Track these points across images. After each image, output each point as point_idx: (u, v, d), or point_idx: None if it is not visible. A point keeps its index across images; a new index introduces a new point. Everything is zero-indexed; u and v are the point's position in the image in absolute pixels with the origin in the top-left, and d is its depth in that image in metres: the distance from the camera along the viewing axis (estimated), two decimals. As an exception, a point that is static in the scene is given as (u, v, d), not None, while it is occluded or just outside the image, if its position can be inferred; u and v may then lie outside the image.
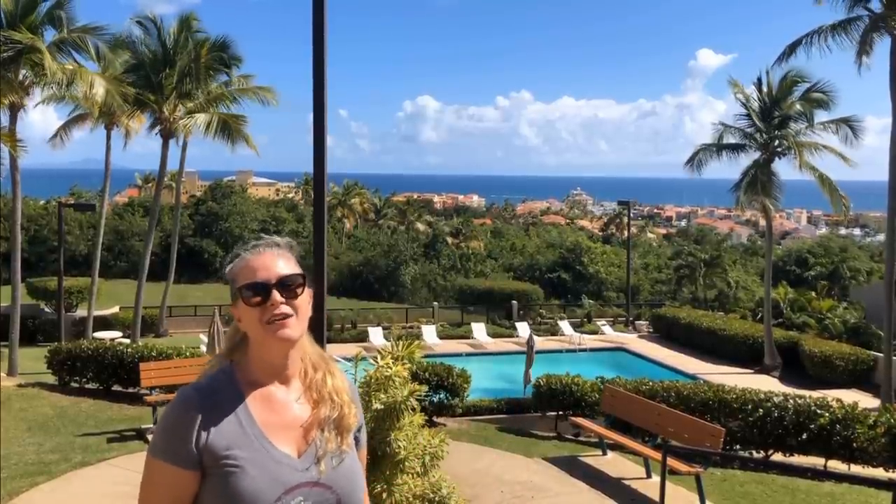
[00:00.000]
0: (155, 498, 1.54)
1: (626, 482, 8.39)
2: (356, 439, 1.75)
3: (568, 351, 23.92)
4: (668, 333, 26.27)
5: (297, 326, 1.62)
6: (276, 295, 1.60)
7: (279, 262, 1.66)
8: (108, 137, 25.85)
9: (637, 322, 29.33)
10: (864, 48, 18.51)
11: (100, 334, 21.72)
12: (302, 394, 1.68)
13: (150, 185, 67.01)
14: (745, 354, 22.44)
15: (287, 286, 1.62)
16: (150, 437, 9.70)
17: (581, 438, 11.26)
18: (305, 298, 1.66)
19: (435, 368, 11.84)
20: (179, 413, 1.55)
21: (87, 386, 13.05)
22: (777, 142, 23.30)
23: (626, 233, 46.98)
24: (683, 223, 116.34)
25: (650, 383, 11.66)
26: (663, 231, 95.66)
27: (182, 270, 40.15)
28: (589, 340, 25.36)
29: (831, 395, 14.45)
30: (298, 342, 1.65)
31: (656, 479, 7.92)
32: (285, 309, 1.60)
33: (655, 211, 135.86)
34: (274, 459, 1.56)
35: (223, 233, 52.72)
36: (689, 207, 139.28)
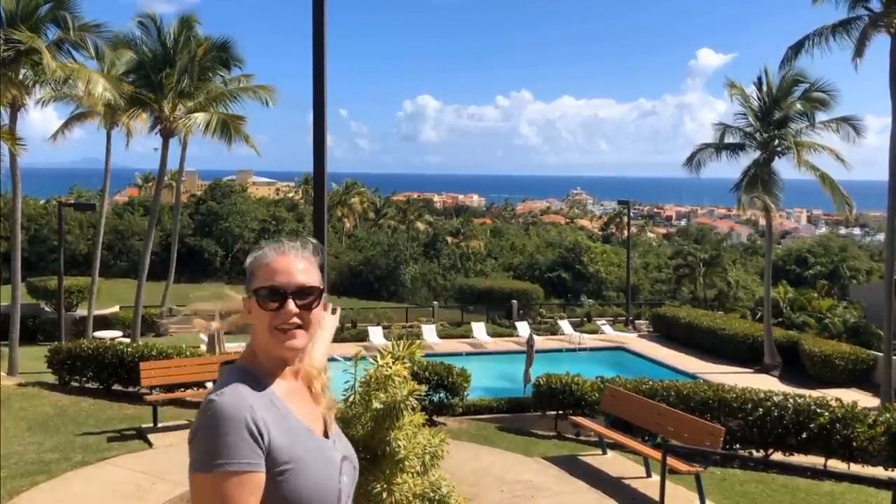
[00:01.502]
0: None
1: (626, 481, 8.39)
2: None
3: (568, 350, 23.93)
4: (668, 333, 26.27)
5: (304, 338, 1.59)
6: (292, 305, 1.56)
7: (300, 265, 1.60)
8: (109, 137, 25.89)
9: (637, 321, 29.34)
10: (861, 45, 18.51)
11: (100, 333, 21.73)
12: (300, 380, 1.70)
13: (150, 184, 66.99)
14: (744, 354, 22.45)
15: (304, 296, 1.58)
16: (150, 436, 9.71)
17: (581, 438, 11.26)
18: (318, 311, 1.63)
19: (435, 368, 11.84)
20: (238, 414, 1.43)
21: (87, 385, 13.04)
22: (777, 141, 23.31)
23: (626, 232, 46.98)
24: (683, 223, 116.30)
25: (650, 382, 11.67)
26: (663, 230, 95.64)
27: (182, 270, 40.13)
28: (589, 340, 25.36)
29: (831, 394, 14.47)
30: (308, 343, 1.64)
31: (656, 478, 7.92)
32: (297, 320, 1.57)
33: (655, 210, 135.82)
34: (322, 447, 1.58)
35: (223, 232, 52.74)
36: (689, 207, 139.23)
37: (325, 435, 1.65)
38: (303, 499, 1.46)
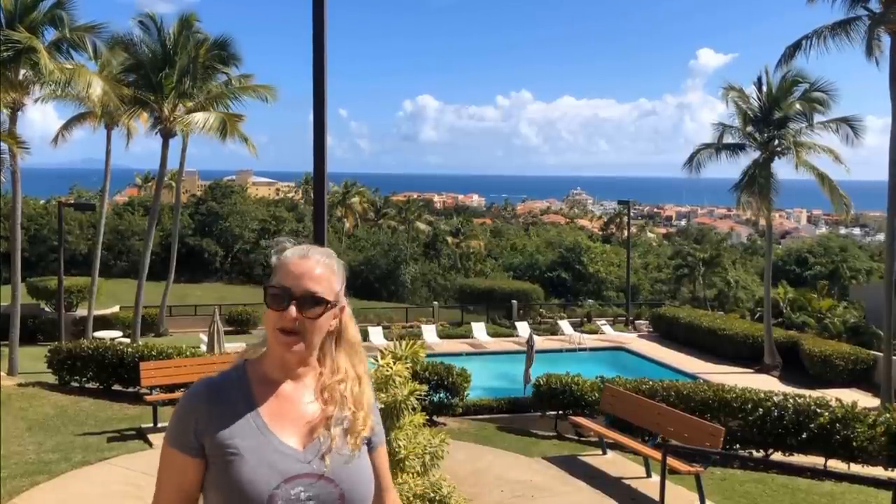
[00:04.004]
0: (165, 481, 1.64)
1: (626, 482, 8.39)
2: (368, 442, 1.72)
3: (568, 350, 23.92)
4: (668, 333, 26.27)
5: (300, 346, 1.61)
6: (293, 310, 1.58)
7: (317, 271, 1.63)
8: (109, 137, 25.91)
9: (637, 321, 29.34)
10: (871, 44, 18.43)
11: (100, 334, 21.73)
12: (316, 394, 1.68)
13: (149, 184, 66.99)
14: (745, 354, 22.45)
15: (308, 305, 1.60)
16: (150, 436, 9.75)
17: (581, 438, 11.27)
18: (324, 321, 1.64)
19: (435, 368, 11.85)
20: (188, 403, 1.63)
21: (87, 385, 13.04)
22: (776, 141, 23.31)
23: (626, 232, 47.00)
24: (683, 223, 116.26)
25: (650, 383, 11.68)
26: (663, 230, 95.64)
27: (182, 270, 40.14)
28: (589, 340, 25.36)
29: (831, 394, 14.50)
30: (309, 352, 1.65)
31: (656, 478, 7.92)
32: (296, 326, 1.59)
33: (655, 210, 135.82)
34: (274, 449, 1.57)
35: (223, 232, 52.70)
36: (689, 207, 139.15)
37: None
38: (227, 490, 1.55)
